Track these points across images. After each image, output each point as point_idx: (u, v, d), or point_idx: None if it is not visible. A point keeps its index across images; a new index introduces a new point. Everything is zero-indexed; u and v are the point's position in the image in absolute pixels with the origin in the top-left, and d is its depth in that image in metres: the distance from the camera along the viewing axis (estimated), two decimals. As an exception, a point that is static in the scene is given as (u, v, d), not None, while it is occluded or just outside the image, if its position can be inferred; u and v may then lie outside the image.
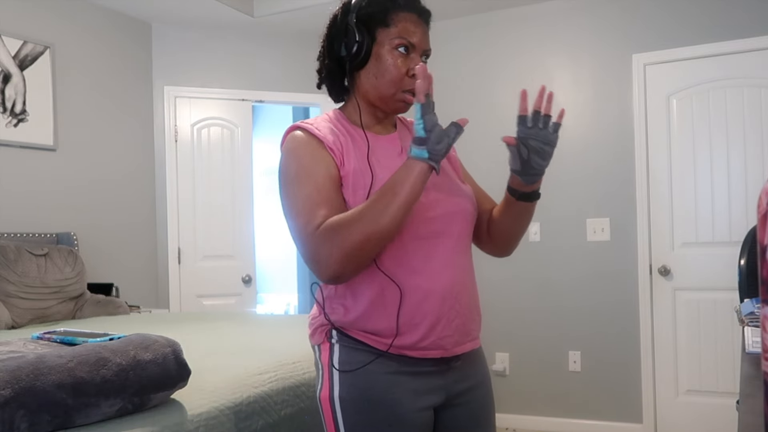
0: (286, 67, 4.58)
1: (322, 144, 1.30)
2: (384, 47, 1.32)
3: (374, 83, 1.34)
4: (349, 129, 1.36)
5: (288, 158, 1.31)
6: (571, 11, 3.99)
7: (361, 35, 1.31)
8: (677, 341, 3.72)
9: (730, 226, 3.61)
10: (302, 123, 1.36)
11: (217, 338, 2.39)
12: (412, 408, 1.29)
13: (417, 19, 1.35)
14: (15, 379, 1.20)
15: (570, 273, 3.97)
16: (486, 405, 1.42)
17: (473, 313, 1.36)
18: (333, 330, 1.32)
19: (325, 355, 1.32)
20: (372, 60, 1.33)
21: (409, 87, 1.32)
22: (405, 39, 1.32)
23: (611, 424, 3.85)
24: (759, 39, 3.54)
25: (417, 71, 1.16)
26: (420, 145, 1.18)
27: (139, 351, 1.40)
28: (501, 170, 1.30)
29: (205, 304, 4.35)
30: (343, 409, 1.28)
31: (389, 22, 1.32)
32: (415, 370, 1.30)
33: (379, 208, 1.18)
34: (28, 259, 3.11)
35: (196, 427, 1.46)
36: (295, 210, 1.26)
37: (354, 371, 1.28)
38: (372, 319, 1.28)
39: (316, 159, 1.28)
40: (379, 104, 1.37)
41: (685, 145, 3.71)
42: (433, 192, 1.32)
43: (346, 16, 1.34)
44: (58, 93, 3.72)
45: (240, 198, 4.49)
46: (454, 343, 1.32)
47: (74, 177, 3.79)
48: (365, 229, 1.17)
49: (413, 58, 1.34)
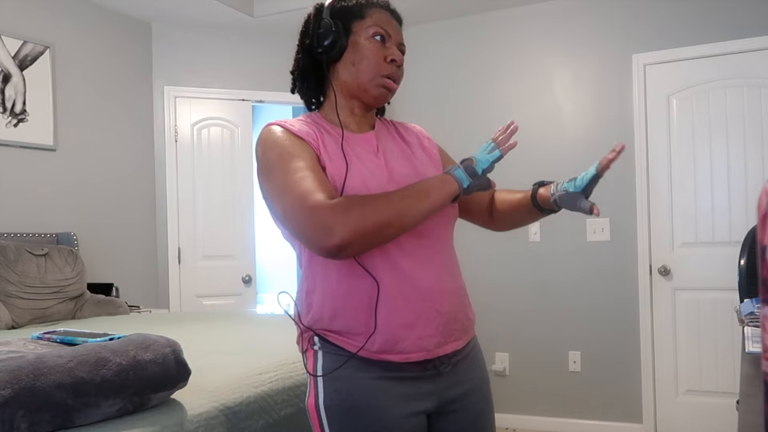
0: (286, 67, 4.53)
1: (300, 137, 1.29)
2: (360, 36, 1.34)
3: (352, 71, 1.34)
4: (324, 126, 1.35)
5: (266, 147, 1.28)
6: (571, 11, 3.99)
7: (336, 27, 1.33)
8: (677, 341, 3.72)
9: (730, 226, 3.61)
10: (276, 121, 1.35)
11: (217, 338, 2.39)
12: (399, 414, 1.26)
13: (390, 16, 1.38)
14: (15, 379, 1.20)
15: (570, 273, 3.97)
16: (484, 410, 1.39)
17: (457, 313, 1.33)
18: (315, 336, 1.31)
19: (310, 363, 1.31)
20: (349, 49, 1.34)
21: (388, 72, 1.34)
22: (381, 28, 1.34)
23: (611, 424, 3.85)
24: (759, 39, 3.54)
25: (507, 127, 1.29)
26: (469, 175, 1.24)
27: (139, 351, 1.40)
28: (498, 167, 1.29)
29: (205, 304, 4.35)
30: (328, 416, 1.26)
31: (365, 14, 1.35)
32: (401, 375, 1.27)
33: (409, 202, 1.18)
34: (28, 259, 3.11)
35: (196, 427, 1.46)
36: (286, 186, 1.19)
37: (335, 377, 1.26)
38: (347, 316, 1.25)
39: (297, 146, 1.27)
40: (359, 93, 1.36)
41: (685, 145, 3.71)
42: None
43: (320, 14, 1.36)
44: (58, 93, 3.72)
45: (240, 198, 4.49)
46: (436, 344, 1.28)
47: (74, 177, 3.79)
48: (391, 213, 1.15)
49: (389, 47, 1.35)
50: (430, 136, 1.51)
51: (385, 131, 1.43)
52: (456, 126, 4.20)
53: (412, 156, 1.40)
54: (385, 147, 1.38)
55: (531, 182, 1.47)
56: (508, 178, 4.31)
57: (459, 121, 4.23)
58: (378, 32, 1.34)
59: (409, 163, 1.37)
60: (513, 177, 4.30)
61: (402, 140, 1.44)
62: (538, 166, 3.97)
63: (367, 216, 1.13)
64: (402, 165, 1.35)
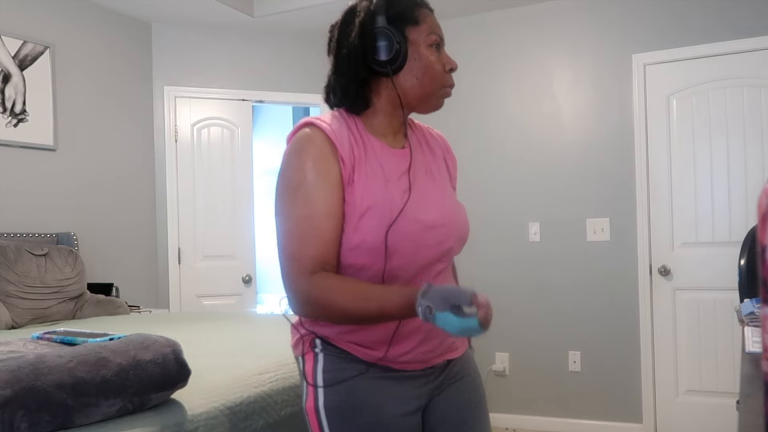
0: (286, 67, 4.58)
1: (335, 151, 1.23)
2: (420, 46, 1.28)
3: (415, 84, 1.29)
4: (364, 137, 1.29)
5: (291, 159, 1.24)
6: (571, 11, 3.99)
7: (397, 36, 1.26)
8: (677, 341, 3.72)
9: (730, 226, 3.61)
10: (317, 120, 1.27)
11: (217, 338, 2.39)
12: (397, 413, 1.28)
13: (433, 14, 1.34)
14: (15, 379, 1.20)
15: (570, 273, 3.97)
16: (473, 401, 1.40)
17: None
18: (317, 339, 1.30)
19: (310, 366, 1.30)
20: (411, 60, 1.28)
21: (450, 83, 1.32)
22: (437, 35, 1.30)
23: (611, 424, 3.85)
24: (759, 39, 3.54)
25: (482, 302, 1.07)
26: (444, 322, 1.07)
27: (139, 351, 1.40)
28: (498, 167, 1.29)
29: (205, 304, 4.35)
30: (329, 418, 1.27)
31: (418, 20, 1.29)
32: (400, 375, 1.30)
33: (367, 314, 1.16)
34: (28, 259, 3.11)
35: (196, 427, 1.46)
36: (284, 229, 1.23)
37: (336, 378, 1.27)
38: (361, 332, 1.27)
39: (321, 173, 1.22)
40: (417, 104, 1.32)
41: (685, 145, 3.71)
42: (443, 229, 1.30)
43: (373, 20, 1.27)
44: (58, 93, 3.72)
45: (240, 198, 4.49)
46: (434, 356, 1.33)
47: (74, 177, 3.79)
48: (349, 316, 1.18)
49: (443, 52, 1.32)
50: (451, 149, 1.50)
51: (415, 142, 1.39)
52: (456, 126, 4.20)
53: (438, 174, 1.39)
54: (415, 167, 1.34)
55: (531, 182, 1.47)
56: (509, 178, 4.33)
57: (459, 121, 4.22)
58: (435, 40, 1.29)
59: (435, 185, 1.36)
60: (513, 177, 4.30)
61: (429, 151, 1.41)
62: (538, 166, 3.96)
63: (328, 310, 1.18)
64: (428, 188, 1.34)
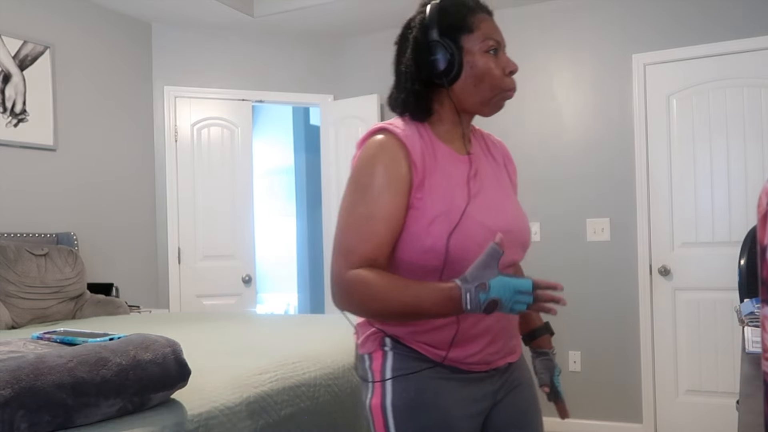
0: (286, 67, 4.58)
1: (408, 155, 1.25)
2: (475, 54, 1.28)
3: (473, 92, 1.29)
4: (434, 143, 1.30)
5: (364, 165, 1.26)
6: (571, 11, 3.99)
7: (450, 48, 1.26)
8: (677, 341, 3.72)
9: (730, 226, 3.61)
10: (390, 126, 1.29)
11: (217, 338, 2.39)
12: (462, 415, 1.30)
13: (490, 18, 1.33)
14: (15, 379, 1.20)
15: (570, 273, 3.97)
16: (532, 406, 1.44)
17: (516, 330, 1.42)
18: (386, 338, 1.32)
19: (377, 363, 1.31)
20: (466, 68, 1.28)
21: (510, 86, 1.31)
22: (493, 39, 1.29)
23: (611, 424, 3.85)
24: (759, 39, 3.54)
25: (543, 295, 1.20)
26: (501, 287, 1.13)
27: (139, 351, 1.40)
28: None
29: (205, 304, 4.35)
30: (395, 416, 1.28)
31: (472, 27, 1.29)
32: (466, 377, 1.32)
33: (406, 311, 1.18)
34: (28, 259, 3.11)
35: (196, 427, 1.46)
36: (342, 224, 1.26)
37: (408, 378, 1.28)
38: (431, 332, 1.28)
39: (390, 179, 1.24)
40: (478, 109, 1.33)
41: (685, 145, 3.71)
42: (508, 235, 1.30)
43: (426, 34, 1.28)
44: (58, 93, 3.72)
45: (240, 198, 4.49)
46: (498, 358, 1.35)
47: (74, 177, 3.79)
48: (384, 313, 1.22)
49: (502, 56, 1.31)
50: (511, 156, 1.50)
51: (478, 149, 1.40)
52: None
53: (502, 180, 1.40)
54: (482, 174, 1.35)
55: (530, 182, 1.47)
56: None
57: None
58: (492, 45, 1.29)
59: (500, 191, 1.37)
60: (513, 177, 4.30)
61: (492, 158, 1.42)
62: (538, 166, 3.96)
63: (363, 305, 1.22)
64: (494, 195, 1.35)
